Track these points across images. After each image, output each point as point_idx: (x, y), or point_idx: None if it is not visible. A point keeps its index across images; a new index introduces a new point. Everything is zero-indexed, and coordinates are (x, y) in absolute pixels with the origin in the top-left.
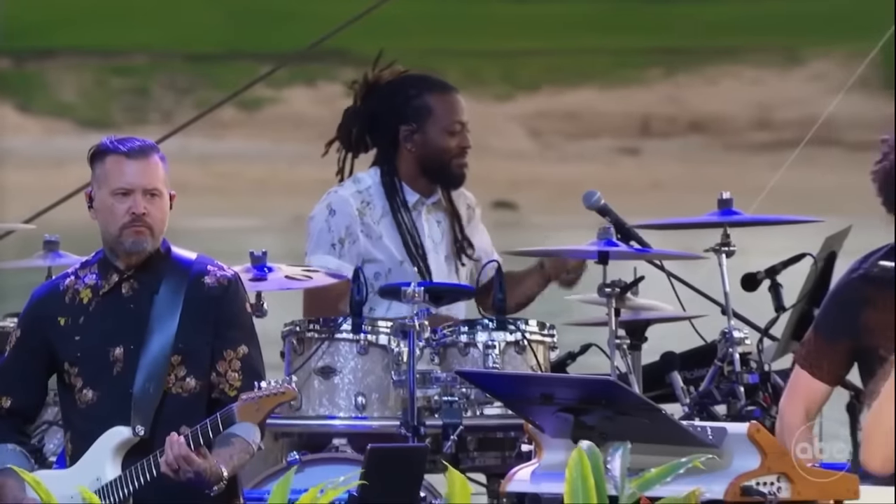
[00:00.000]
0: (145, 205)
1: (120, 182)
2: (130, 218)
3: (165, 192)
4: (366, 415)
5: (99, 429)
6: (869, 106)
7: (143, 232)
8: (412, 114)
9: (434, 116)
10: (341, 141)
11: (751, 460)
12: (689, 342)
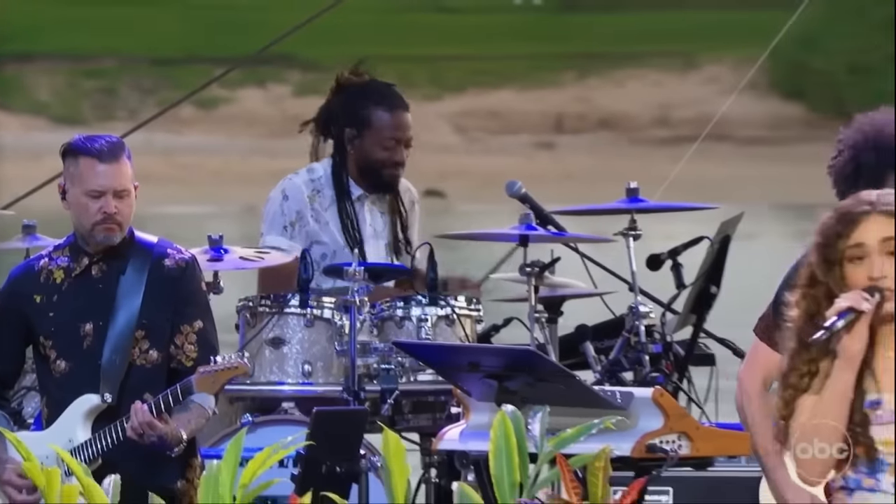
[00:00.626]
0: (116, 204)
1: (93, 185)
2: (102, 217)
3: (132, 189)
4: (312, 381)
5: (71, 396)
6: (757, 106)
7: (113, 229)
8: (357, 121)
9: (373, 129)
10: (316, 125)
11: (655, 421)
12: (600, 316)
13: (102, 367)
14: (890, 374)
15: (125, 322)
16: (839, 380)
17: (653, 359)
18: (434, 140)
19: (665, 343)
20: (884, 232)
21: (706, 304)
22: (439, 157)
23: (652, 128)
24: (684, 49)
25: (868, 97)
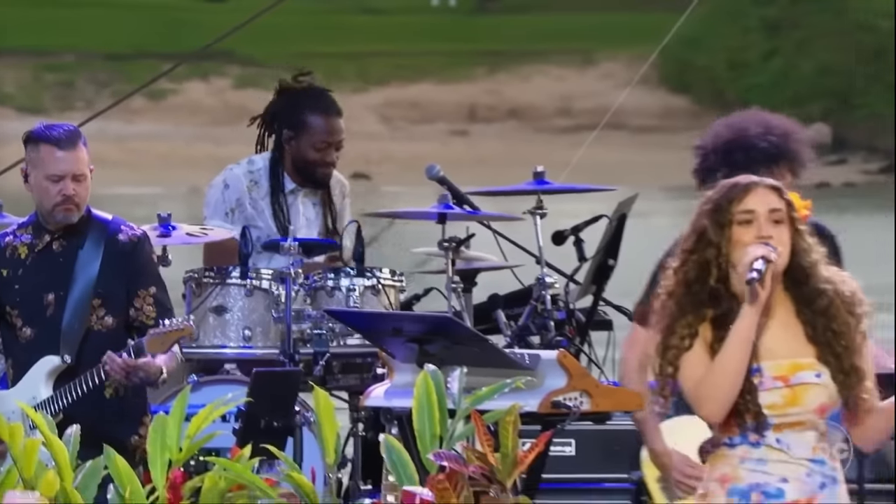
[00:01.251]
0: (74, 187)
1: (53, 170)
2: (62, 199)
3: (88, 173)
4: (251, 345)
5: (34, 358)
6: (648, 98)
7: (72, 209)
8: (294, 124)
9: (307, 132)
10: (262, 122)
11: (559, 380)
12: (510, 286)
13: (63, 332)
14: (767, 341)
15: (83, 291)
16: (744, 325)
17: (557, 324)
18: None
19: (568, 310)
20: (771, 203)
21: (605, 276)
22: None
23: (555, 118)
24: (583, 47)
25: (745, 91)
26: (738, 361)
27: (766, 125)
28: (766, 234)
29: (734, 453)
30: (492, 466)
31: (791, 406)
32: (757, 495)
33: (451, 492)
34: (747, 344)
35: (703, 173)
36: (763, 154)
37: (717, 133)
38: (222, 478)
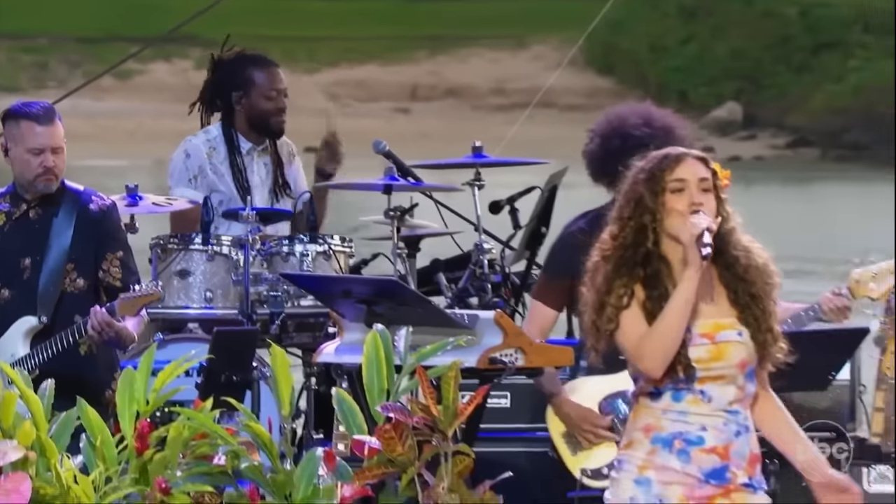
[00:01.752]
0: (53, 159)
1: (34, 143)
2: (43, 170)
3: (64, 146)
4: (212, 305)
5: (12, 318)
6: (576, 79)
7: (51, 179)
8: (241, 84)
9: (256, 86)
10: (201, 102)
11: (496, 338)
12: (451, 252)
13: (39, 294)
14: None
15: (57, 256)
16: (687, 287)
17: (494, 287)
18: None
19: (504, 274)
20: (700, 173)
21: (538, 242)
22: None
23: (490, 97)
24: (516, 32)
25: (664, 72)
26: (680, 322)
27: (648, 118)
28: (698, 202)
29: (657, 406)
30: (434, 417)
31: (715, 361)
32: (679, 442)
33: (396, 441)
34: (689, 306)
35: (587, 155)
36: (637, 142)
37: (603, 119)
38: (186, 427)
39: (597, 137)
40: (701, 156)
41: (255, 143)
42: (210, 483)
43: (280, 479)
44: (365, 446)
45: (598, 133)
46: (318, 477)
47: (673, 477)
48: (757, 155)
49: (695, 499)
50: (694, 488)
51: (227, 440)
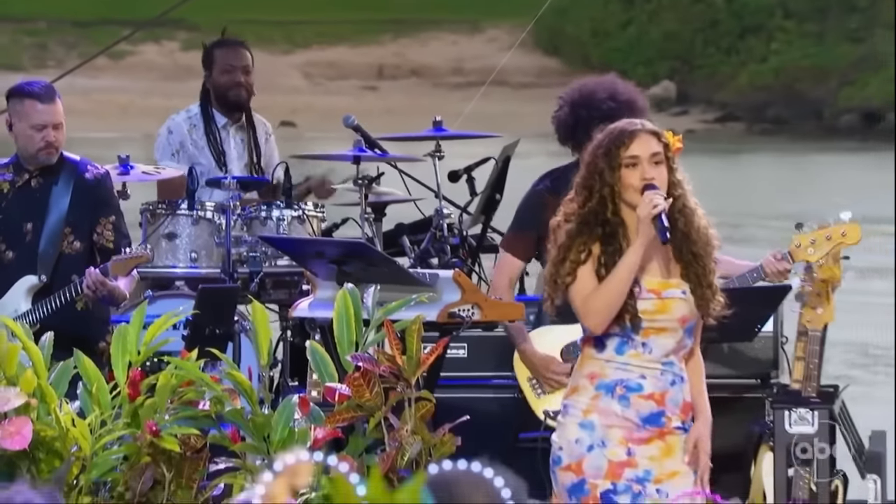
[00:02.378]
0: (54, 134)
1: (37, 120)
2: (45, 144)
3: (64, 121)
4: (197, 265)
5: (15, 277)
6: (526, 60)
7: (52, 152)
8: (206, 64)
9: (215, 64)
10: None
11: (454, 295)
12: (414, 216)
13: (39, 255)
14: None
15: (56, 221)
16: (633, 258)
17: (453, 248)
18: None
19: (462, 237)
20: (652, 147)
21: (492, 208)
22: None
23: (449, 76)
24: (472, 17)
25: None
26: (623, 286)
27: (613, 91)
28: (650, 177)
29: (601, 356)
30: (399, 366)
31: (659, 314)
32: (620, 388)
33: (365, 387)
34: (632, 273)
35: (557, 120)
36: (602, 114)
37: (573, 89)
38: (174, 376)
39: (566, 106)
40: (653, 130)
41: (230, 119)
42: (195, 426)
43: (259, 422)
44: (336, 393)
45: (568, 102)
46: (293, 420)
47: (614, 420)
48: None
49: (633, 440)
50: (632, 431)
51: (211, 387)
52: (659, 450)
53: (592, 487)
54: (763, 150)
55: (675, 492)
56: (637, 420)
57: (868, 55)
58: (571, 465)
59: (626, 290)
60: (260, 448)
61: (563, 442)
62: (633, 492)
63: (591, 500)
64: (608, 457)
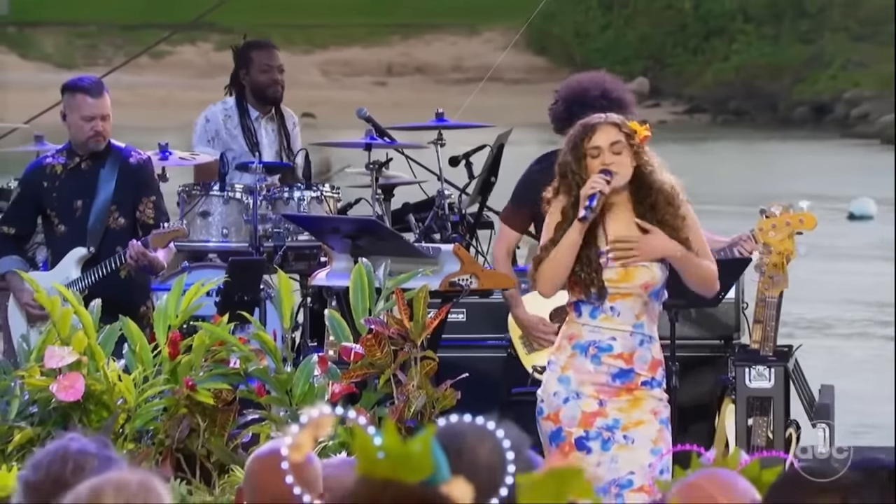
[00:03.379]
0: (102, 125)
1: (87, 112)
2: (94, 133)
3: (110, 113)
4: (228, 240)
5: (67, 249)
6: (518, 59)
7: (100, 140)
8: (243, 63)
9: (253, 63)
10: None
11: (454, 266)
12: (418, 196)
13: (88, 229)
14: (612, 232)
15: (103, 199)
16: (573, 235)
17: (453, 225)
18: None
19: (461, 215)
20: (612, 137)
21: (488, 189)
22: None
23: (450, 73)
24: (470, 21)
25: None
26: (566, 258)
27: (604, 88)
28: (608, 163)
29: (579, 320)
30: (407, 329)
31: (623, 282)
32: (593, 349)
33: (376, 348)
34: (574, 246)
35: (553, 113)
36: (594, 109)
37: (568, 85)
38: (208, 337)
39: (561, 101)
40: (614, 121)
41: (262, 112)
42: (226, 381)
43: (282, 379)
44: (351, 352)
45: (562, 97)
46: (313, 377)
47: (587, 377)
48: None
49: (604, 393)
50: (603, 386)
51: (240, 347)
52: (627, 402)
53: (568, 435)
54: (726, 139)
55: (640, 439)
56: (608, 376)
57: (817, 55)
58: (550, 415)
59: (569, 262)
60: (283, 401)
61: (544, 395)
62: (602, 438)
63: (566, 446)
64: (582, 407)
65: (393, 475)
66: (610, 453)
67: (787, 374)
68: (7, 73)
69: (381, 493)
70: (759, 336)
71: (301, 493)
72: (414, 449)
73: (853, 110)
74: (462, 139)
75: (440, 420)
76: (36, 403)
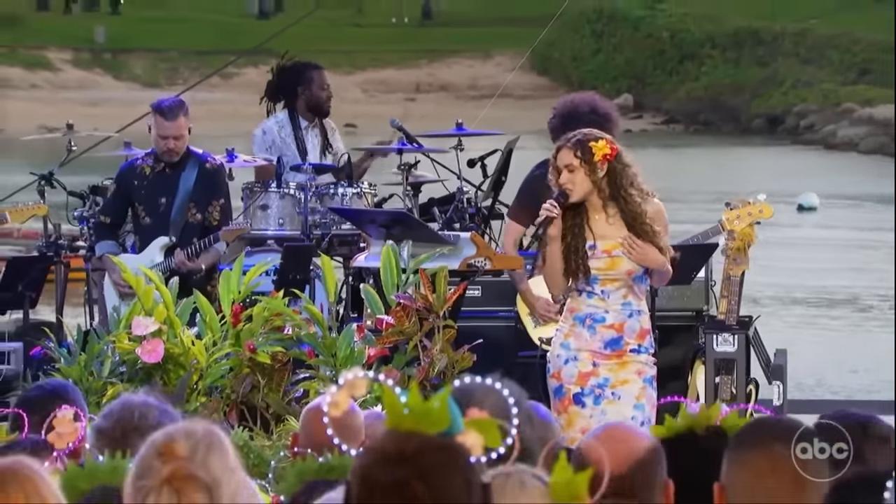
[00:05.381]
0: (174, 143)
1: (163, 132)
2: (167, 149)
3: (186, 133)
4: (283, 228)
5: (152, 237)
6: (524, 79)
7: (172, 156)
8: (304, 81)
9: (314, 82)
10: (268, 96)
11: (471, 250)
12: (442, 192)
13: (171, 222)
14: (599, 230)
15: (183, 197)
16: (552, 248)
17: (470, 217)
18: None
19: (477, 208)
20: (566, 160)
21: (500, 186)
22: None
23: (468, 90)
24: (484, 48)
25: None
26: (555, 268)
27: (593, 106)
28: (563, 182)
29: (580, 298)
30: (430, 302)
31: (609, 269)
32: (589, 320)
33: (405, 318)
34: (558, 258)
35: (550, 126)
36: (584, 123)
37: (562, 103)
38: (266, 309)
39: (557, 117)
40: (570, 146)
41: (309, 122)
42: (281, 345)
43: (328, 343)
44: (384, 322)
45: (559, 114)
46: (353, 342)
47: (583, 344)
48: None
49: (597, 357)
50: (597, 351)
51: (293, 317)
52: (616, 364)
53: (567, 391)
54: (696, 145)
55: (625, 395)
56: (601, 343)
57: (772, 76)
58: (555, 374)
59: (559, 269)
60: (328, 362)
61: (551, 356)
62: (595, 394)
63: (566, 400)
64: (579, 368)
65: (416, 427)
66: (600, 407)
67: (747, 341)
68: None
69: (406, 442)
70: (724, 308)
71: (340, 443)
72: (433, 405)
73: (801, 121)
74: (478, 145)
75: (456, 381)
76: (124, 364)
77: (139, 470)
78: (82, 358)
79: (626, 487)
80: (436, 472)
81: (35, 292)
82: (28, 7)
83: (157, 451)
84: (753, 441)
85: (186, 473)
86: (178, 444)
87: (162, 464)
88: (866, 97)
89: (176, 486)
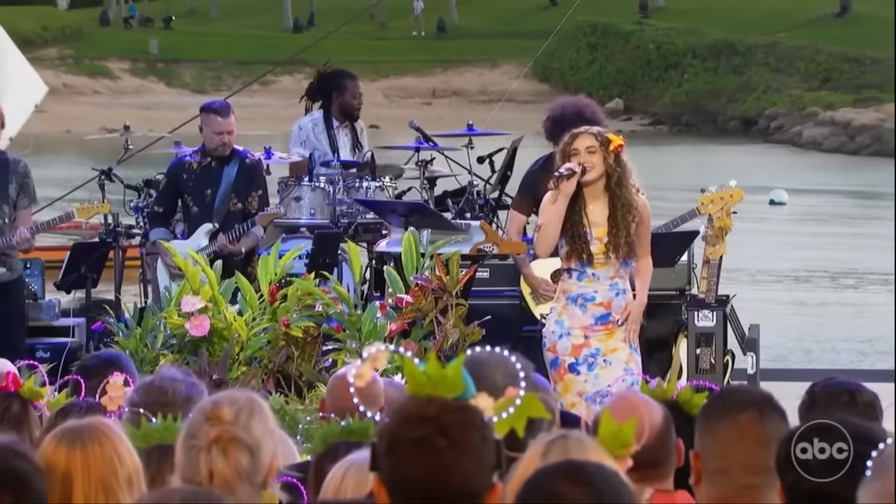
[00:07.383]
0: (228, 137)
1: (217, 128)
2: (221, 143)
3: (235, 128)
4: (315, 217)
5: (199, 224)
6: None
7: (226, 149)
8: (339, 87)
9: (348, 89)
10: (307, 95)
11: (480, 237)
12: (454, 186)
13: (214, 210)
14: (594, 217)
15: (226, 188)
16: (558, 205)
17: (480, 207)
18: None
19: (486, 199)
20: (587, 143)
21: (506, 180)
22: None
23: (478, 95)
24: (491, 57)
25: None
26: (553, 226)
27: (579, 109)
28: (584, 160)
29: (572, 280)
30: (445, 283)
31: (601, 254)
32: (580, 299)
33: (422, 297)
34: (559, 216)
35: (543, 126)
36: (572, 124)
37: (552, 107)
38: (299, 289)
39: (549, 119)
40: (593, 132)
41: (341, 123)
42: (312, 321)
43: (354, 319)
44: (403, 301)
45: (550, 116)
46: (376, 318)
47: (576, 321)
48: (632, 129)
49: (588, 331)
50: (588, 327)
51: (323, 297)
52: (605, 334)
53: (563, 361)
54: (678, 144)
55: (615, 361)
56: (591, 320)
57: (746, 83)
58: (550, 347)
59: (556, 229)
60: (354, 336)
61: (546, 332)
62: (588, 363)
63: (562, 370)
64: (572, 341)
65: (434, 392)
66: (594, 373)
67: (725, 316)
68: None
69: (425, 406)
70: (704, 288)
71: (364, 410)
72: (449, 373)
73: (771, 123)
74: (486, 144)
75: (468, 352)
76: (175, 337)
77: (189, 432)
78: (138, 332)
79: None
80: (455, 429)
81: (96, 274)
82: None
83: (206, 416)
84: (720, 413)
85: (231, 436)
86: (224, 409)
87: (210, 427)
88: (828, 102)
89: (222, 446)
